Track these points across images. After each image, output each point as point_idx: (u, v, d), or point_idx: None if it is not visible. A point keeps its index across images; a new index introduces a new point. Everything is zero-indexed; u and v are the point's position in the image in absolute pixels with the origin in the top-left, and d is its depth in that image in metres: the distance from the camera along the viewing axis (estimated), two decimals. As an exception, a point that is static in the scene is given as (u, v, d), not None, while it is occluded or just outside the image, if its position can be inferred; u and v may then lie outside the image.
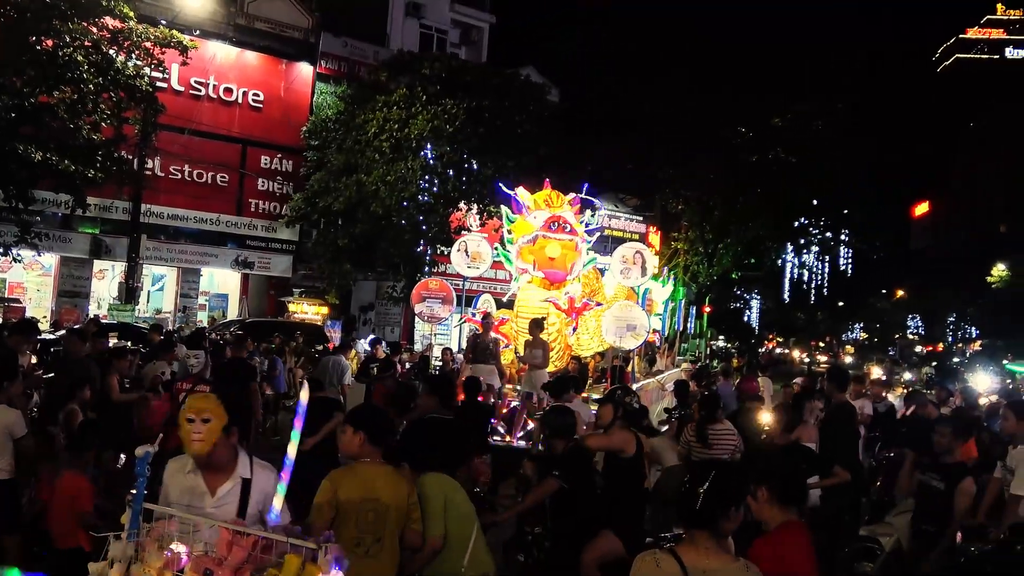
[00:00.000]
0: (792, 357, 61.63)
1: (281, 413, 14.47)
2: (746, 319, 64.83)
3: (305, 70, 27.39)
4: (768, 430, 8.43)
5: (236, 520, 3.20)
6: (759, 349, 57.12)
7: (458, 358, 14.77)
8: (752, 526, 3.73)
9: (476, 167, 23.97)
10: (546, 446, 6.40)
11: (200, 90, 25.43)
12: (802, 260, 46.86)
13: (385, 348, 17.40)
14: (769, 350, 65.30)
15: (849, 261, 49.40)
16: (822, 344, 72.88)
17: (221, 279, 27.94)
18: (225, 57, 25.98)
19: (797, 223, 40.27)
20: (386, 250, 23.76)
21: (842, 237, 43.92)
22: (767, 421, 8.66)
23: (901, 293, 76.79)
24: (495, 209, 22.46)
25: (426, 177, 22.90)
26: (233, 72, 26.18)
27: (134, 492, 3.04)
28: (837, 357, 58.96)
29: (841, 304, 72.36)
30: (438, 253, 24.07)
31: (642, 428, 7.10)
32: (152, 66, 18.88)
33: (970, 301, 62.14)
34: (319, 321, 24.30)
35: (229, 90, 25.99)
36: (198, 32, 23.15)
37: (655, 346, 22.27)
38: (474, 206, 25.05)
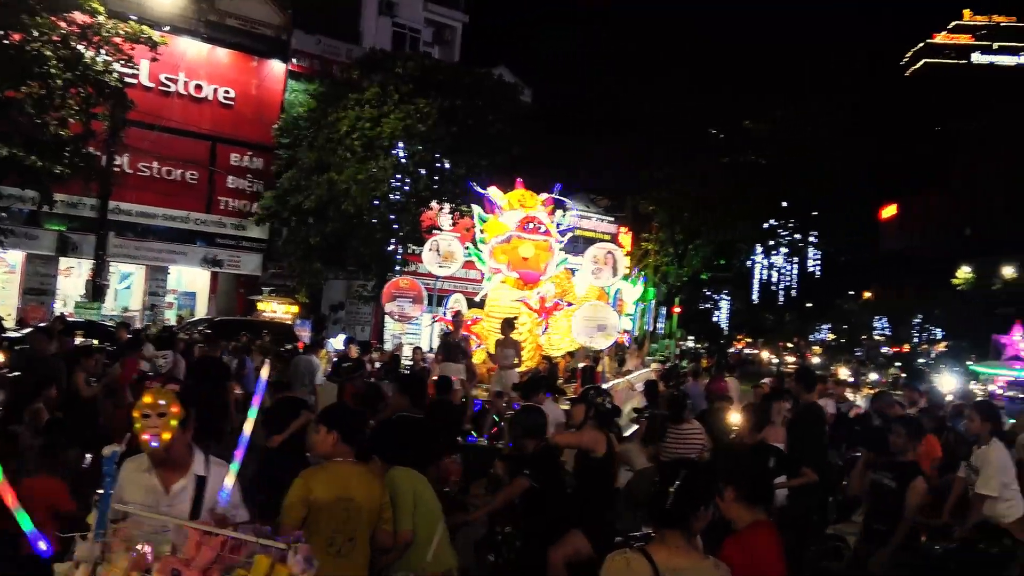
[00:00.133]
0: (761, 358, 62.22)
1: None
2: (715, 320, 65.44)
3: (277, 67, 27.21)
4: (737, 430, 8.50)
5: (203, 520, 3.17)
6: (728, 350, 57.51)
7: (428, 357, 14.74)
8: (721, 525, 3.76)
9: (448, 166, 23.94)
10: (516, 446, 6.41)
11: (170, 86, 25.16)
12: (771, 261, 47.31)
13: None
14: (738, 351, 65.83)
15: (818, 263, 49.97)
16: (790, 345, 73.50)
17: (189, 277, 27.63)
18: (196, 53, 25.71)
19: (766, 224, 40.65)
20: (357, 249, 23.68)
21: (810, 239, 44.39)
22: (736, 421, 8.74)
23: (868, 295, 77.61)
24: (467, 208, 22.44)
25: (398, 176, 22.82)
26: (204, 69, 25.91)
27: (101, 492, 3.00)
28: (804, 358, 59.53)
29: (809, 305, 73.10)
30: (409, 252, 24.00)
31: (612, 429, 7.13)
32: (121, 62, 18.66)
33: (936, 303, 62.94)
34: (289, 320, 24.12)
35: (199, 87, 25.73)
36: (168, 28, 22.86)
37: (625, 346, 22.37)
38: (446, 205, 25.01)
